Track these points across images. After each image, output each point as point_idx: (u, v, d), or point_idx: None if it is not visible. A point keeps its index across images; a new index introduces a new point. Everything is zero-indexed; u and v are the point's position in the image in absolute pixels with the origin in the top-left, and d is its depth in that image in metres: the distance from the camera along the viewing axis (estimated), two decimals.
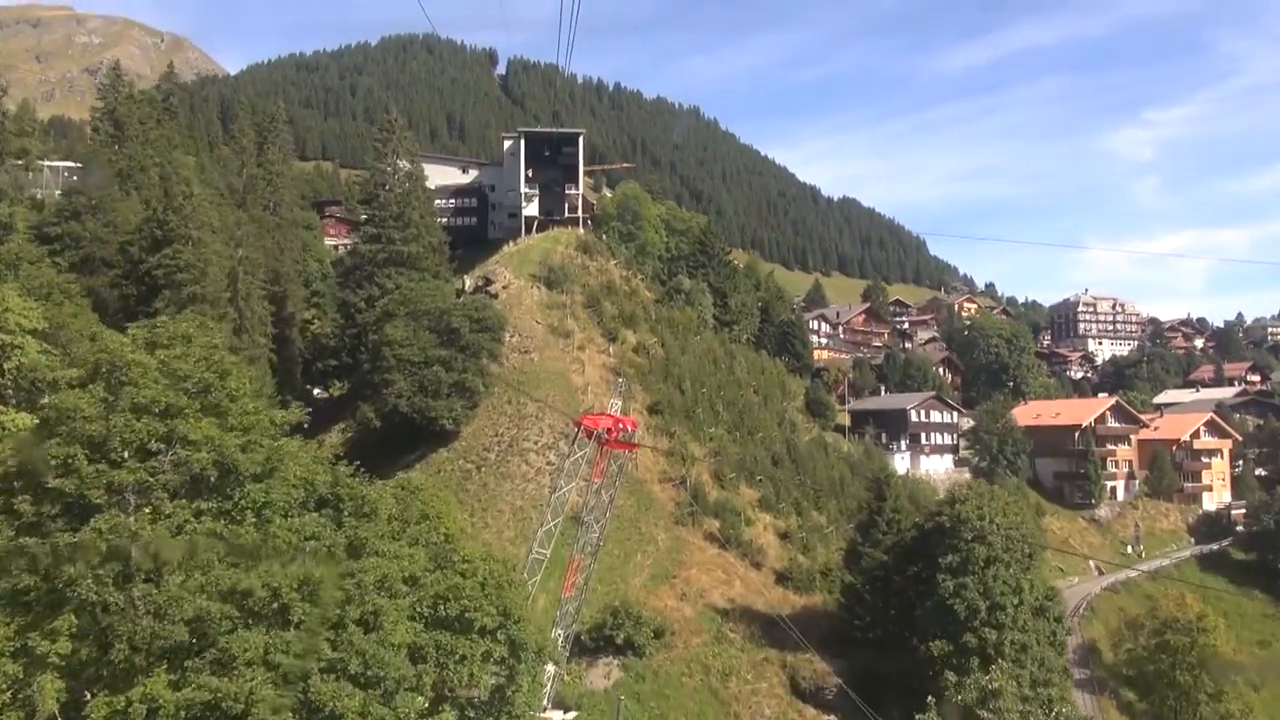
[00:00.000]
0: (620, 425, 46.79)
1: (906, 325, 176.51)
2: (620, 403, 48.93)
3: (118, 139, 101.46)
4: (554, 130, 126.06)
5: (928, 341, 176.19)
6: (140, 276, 73.46)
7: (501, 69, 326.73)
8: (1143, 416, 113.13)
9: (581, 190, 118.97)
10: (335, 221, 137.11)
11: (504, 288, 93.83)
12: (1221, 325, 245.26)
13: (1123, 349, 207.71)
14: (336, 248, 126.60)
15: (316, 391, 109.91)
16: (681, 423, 77.25)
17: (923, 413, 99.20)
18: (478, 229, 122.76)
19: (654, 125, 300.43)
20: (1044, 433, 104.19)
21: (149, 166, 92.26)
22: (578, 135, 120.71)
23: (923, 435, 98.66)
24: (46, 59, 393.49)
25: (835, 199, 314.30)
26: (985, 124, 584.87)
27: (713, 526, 66.10)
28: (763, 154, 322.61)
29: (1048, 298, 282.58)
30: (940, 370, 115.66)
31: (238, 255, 76.39)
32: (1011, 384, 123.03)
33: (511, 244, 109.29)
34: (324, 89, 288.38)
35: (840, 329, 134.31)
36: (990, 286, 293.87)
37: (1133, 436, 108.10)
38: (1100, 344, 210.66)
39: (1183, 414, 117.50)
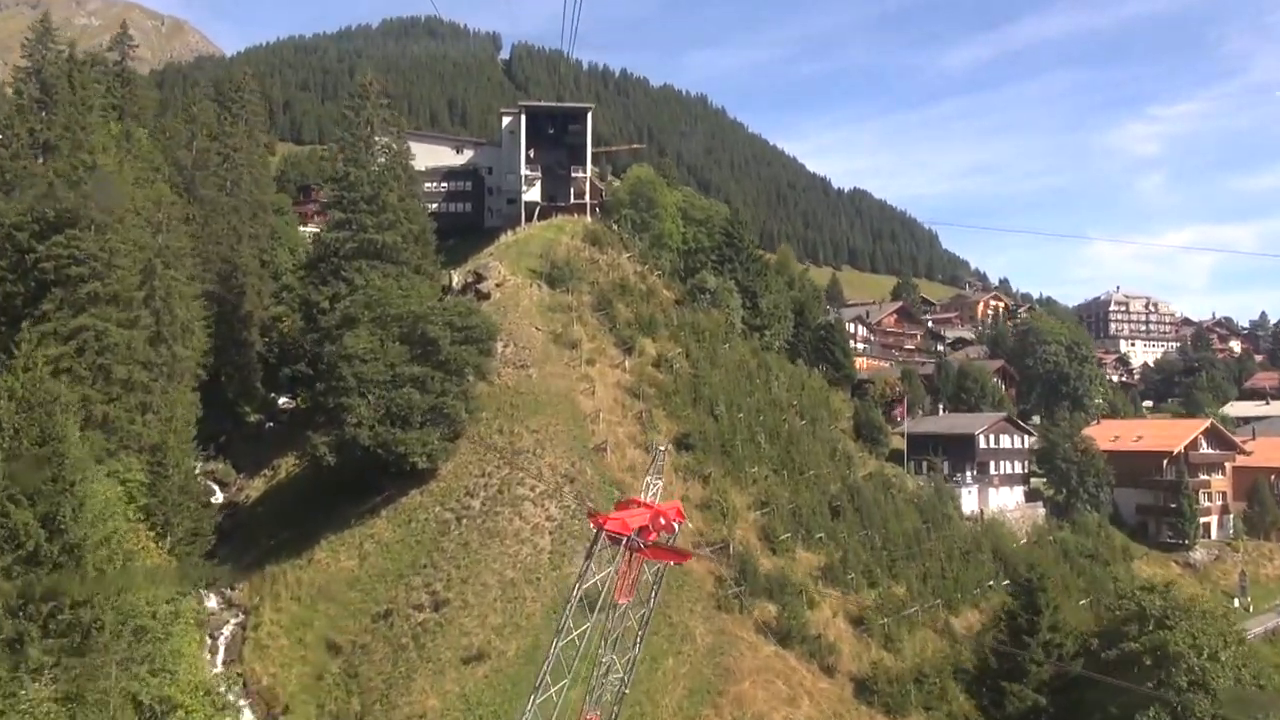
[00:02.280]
0: (660, 521, 28.40)
1: (931, 324, 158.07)
2: (660, 482, 30.56)
3: (44, 105, 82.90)
4: (558, 105, 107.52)
5: (955, 342, 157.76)
6: (29, 269, 55.08)
7: (505, 54, 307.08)
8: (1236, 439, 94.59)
9: (589, 173, 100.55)
10: (322, 207, 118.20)
11: (497, 285, 75.46)
12: (1247, 325, 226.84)
13: (1156, 351, 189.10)
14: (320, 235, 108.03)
15: (284, 400, 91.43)
16: (717, 460, 58.96)
17: (991, 437, 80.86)
18: (472, 216, 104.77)
19: (661, 113, 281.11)
20: (1124, 459, 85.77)
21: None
22: (585, 111, 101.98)
23: (991, 464, 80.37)
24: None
25: (846, 191, 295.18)
26: (990, 119, 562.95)
27: (766, 612, 47.84)
28: (771, 144, 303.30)
29: (1059, 295, 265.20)
30: (995, 382, 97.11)
31: (157, 243, 57.78)
32: (1070, 397, 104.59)
33: (509, 233, 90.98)
34: (322, 71, 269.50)
35: (872, 331, 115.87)
36: (1004, 282, 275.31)
37: (1228, 464, 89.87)
38: (1133, 345, 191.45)
39: (1274, 435, 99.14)
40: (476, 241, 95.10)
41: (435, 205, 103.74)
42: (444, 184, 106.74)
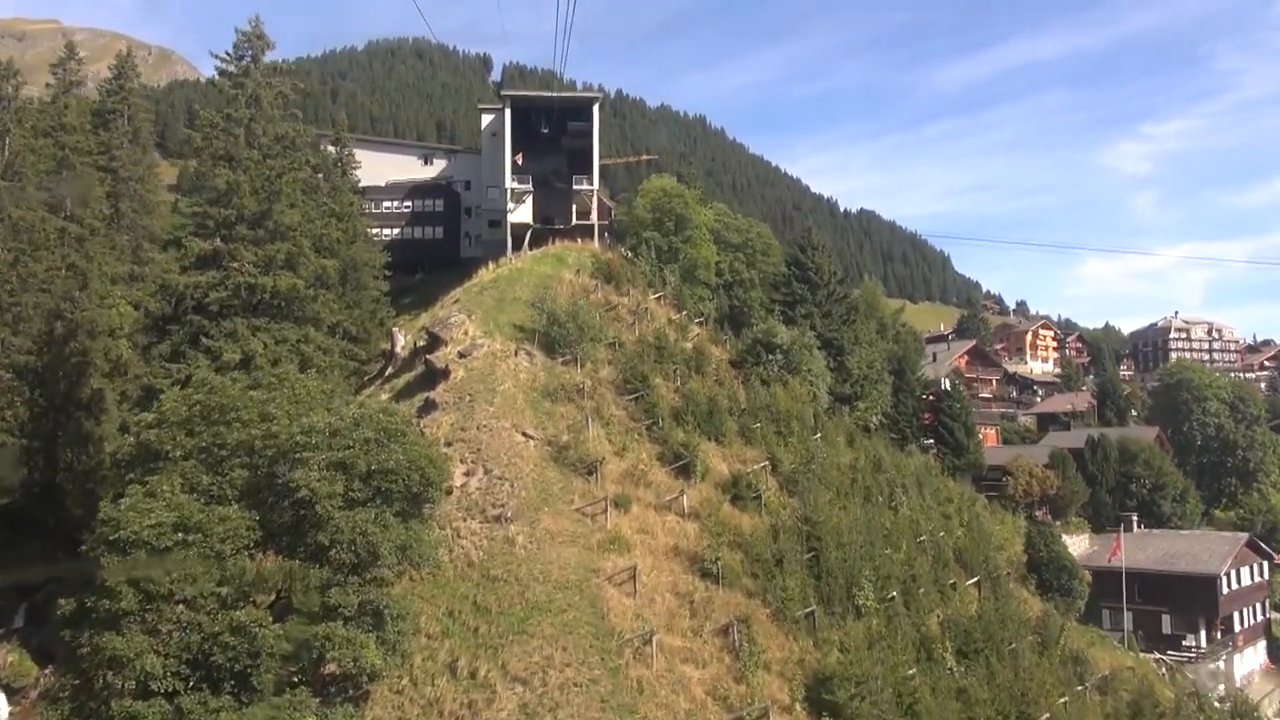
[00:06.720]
0: None
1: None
2: None
3: None
4: (554, 96, 75.44)
5: (1008, 380, 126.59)
6: None
7: (496, 75, 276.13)
8: None
9: (597, 185, 68.98)
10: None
11: (461, 355, 43.31)
12: None
13: None
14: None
15: None
16: None
17: (1234, 574, 49.34)
18: (445, 244, 74.15)
19: (658, 134, 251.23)
20: None
21: None
22: (590, 103, 70.50)
23: (1235, 616, 48.89)
24: (30, 73, 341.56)
25: (854, 212, 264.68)
26: (983, 139, 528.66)
27: None
28: (773, 165, 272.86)
29: (1067, 316, 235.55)
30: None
31: None
32: (1238, 472, 73.18)
33: (489, 267, 59.28)
34: (302, 95, 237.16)
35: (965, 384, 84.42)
36: (1022, 305, 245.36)
37: None
38: None
39: None
40: (452, 277, 63.96)
41: (396, 231, 73.92)
42: (408, 203, 76.30)
